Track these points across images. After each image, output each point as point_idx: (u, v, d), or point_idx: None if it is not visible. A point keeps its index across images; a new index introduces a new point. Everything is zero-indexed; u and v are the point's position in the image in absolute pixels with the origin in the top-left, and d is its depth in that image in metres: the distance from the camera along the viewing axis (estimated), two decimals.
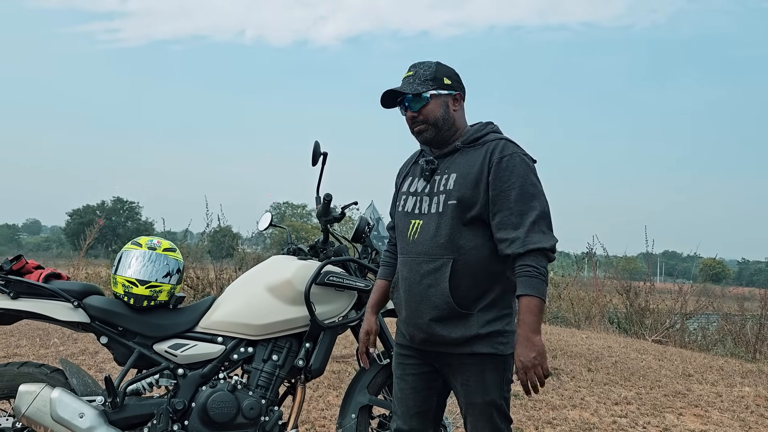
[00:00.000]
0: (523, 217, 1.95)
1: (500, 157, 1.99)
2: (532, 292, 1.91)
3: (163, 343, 2.54)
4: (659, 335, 8.99)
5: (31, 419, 2.33)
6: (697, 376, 5.97)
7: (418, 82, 2.08)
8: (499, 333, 2.03)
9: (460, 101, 2.14)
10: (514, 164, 1.99)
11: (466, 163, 2.05)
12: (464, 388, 2.08)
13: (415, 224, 2.11)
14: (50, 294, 2.47)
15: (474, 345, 2.02)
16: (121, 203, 53.11)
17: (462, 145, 2.09)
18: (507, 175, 1.98)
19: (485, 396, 2.05)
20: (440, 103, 2.09)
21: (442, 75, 2.10)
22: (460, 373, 2.07)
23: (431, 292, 2.03)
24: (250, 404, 2.50)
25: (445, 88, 2.09)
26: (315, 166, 2.75)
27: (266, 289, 2.62)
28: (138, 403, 2.48)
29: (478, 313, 2.01)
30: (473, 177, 2.02)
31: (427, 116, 2.08)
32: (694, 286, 11.33)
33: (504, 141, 2.05)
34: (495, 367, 2.04)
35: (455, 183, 2.04)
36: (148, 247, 2.58)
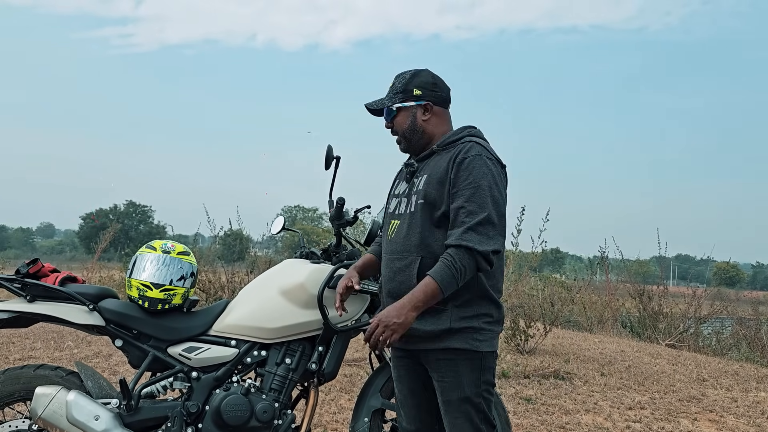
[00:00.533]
0: (471, 217, 1.97)
1: (463, 158, 2.03)
2: (436, 276, 1.93)
3: (177, 346, 2.56)
4: (673, 339, 8.92)
5: (47, 421, 2.35)
6: (712, 380, 5.92)
7: (390, 94, 2.20)
8: (474, 329, 2.03)
9: (430, 110, 2.19)
10: (474, 165, 2.02)
11: (437, 165, 2.11)
12: (441, 385, 2.07)
13: (393, 224, 2.19)
14: (66, 297, 2.49)
15: (447, 339, 2.03)
16: (134, 207, 53.52)
17: (438, 149, 2.15)
18: (466, 174, 2.01)
19: (460, 392, 2.04)
20: (408, 115, 2.18)
21: (413, 86, 2.17)
22: (436, 370, 2.08)
23: (402, 289, 2.05)
24: (264, 407, 2.51)
25: (413, 99, 2.17)
26: (328, 169, 2.75)
27: (279, 293, 2.63)
28: (152, 405, 2.49)
29: (452, 308, 2.03)
30: (439, 177, 2.07)
31: (398, 127, 2.20)
32: (708, 290, 11.25)
33: (472, 143, 2.08)
34: (470, 364, 2.04)
35: (425, 183, 2.10)
36: (163, 251, 2.60)
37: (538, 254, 8.54)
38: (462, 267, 1.93)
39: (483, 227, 1.95)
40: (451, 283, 1.93)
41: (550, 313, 7.66)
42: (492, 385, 2.11)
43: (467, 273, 1.95)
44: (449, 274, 1.93)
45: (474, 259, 1.94)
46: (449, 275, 1.92)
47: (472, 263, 1.94)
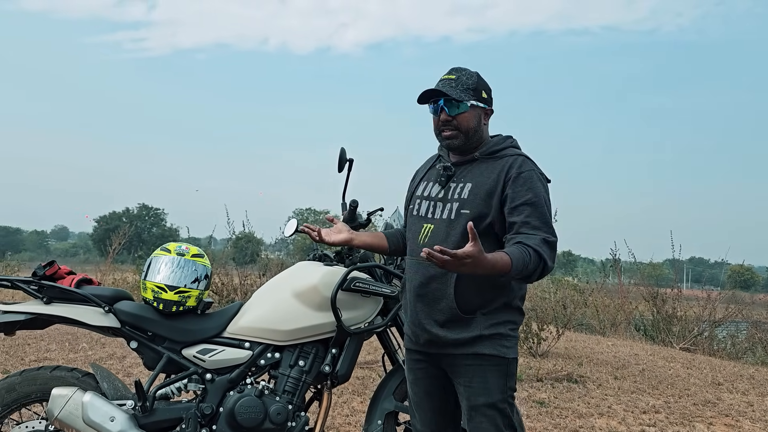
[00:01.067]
0: (539, 231, 1.98)
1: (519, 172, 2.04)
2: (513, 259, 1.86)
3: (192, 348, 2.57)
4: (687, 343, 8.84)
5: (63, 422, 2.37)
6: (727, 384, 5.86)
7: (461, 88, 2.10)
8: (503, 336, 2.06)
9: (489, 117, 2.19)
10: (532, 181, 2.04)
11: (482, 174, 2.09)
12: (467, 390, 2.08)
13: (426, 228, 2.15)
14: (82, 299, 2.51)
15: (477, 345, 2.04)
16: (146, 209, 53.88)
17: (480, 156, 2.13)
18: (524, 190, 2.02)
19: (488, 398, 2.05)
20: (475, 115, 2.12)
21: (482, 88, 2.14)
22: (463, 375, 2.09)
23: (437, 296, 2.07)
24: (277, 409, 2.51)
25: (482, 101, 2.13)
26: (341, 172, 2.76)
27: (293, 295, 2.63)
28: (167, 407, 2.50)
29: (480, 316, 2.05)
30: (487, 189, 2.06)
31: (461, 124, 2.10)
32: (723, 293, 11.14)
33: (522, 157, 2.10)
34: (498, 370, 2.06)
35: (470, 193, 2.08)
36: (177, 253, 2.61)
37: None
38: (530, 269, 1.91)
39: (553, 244, 1.98)
40: (517, 273, 1.89)
41: (563, 316, 7.62)
42: (514, 391, 2.12)
43: (529, 275, 1.93)
44: (522, 264, 1.88)
45: (538, 269, 1.93)
46: (521, 266, 1.88)
47: (535, 271, 1.93)
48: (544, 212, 2.02)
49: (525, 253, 1.91)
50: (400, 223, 2.87)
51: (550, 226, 2.01)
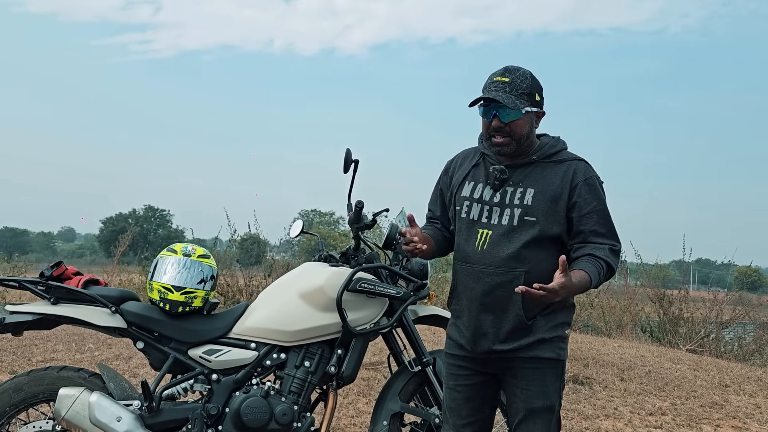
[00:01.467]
0: (606, 239, 2.06)
1: (584, 179, 2.06)
2: (593, 277, 1.96)
3: (198, 348, 2.58)
4: (694, 344, 8.80)
5: (70, 422, 2.38)
6: (735, 386, 5.83)
7: (515, 93, 2.02)
8: (560, 338, 2.09)
9: (540, 119, 2.13)
10: (597, 188, 2.08)
11: (545, 180, 2.06)
12: (525, 393, 2.07)
13: (483, 234, 2.08)
14: (89, 300, 2.53)
15: (537, 349, 2.05)
16: (152, 211, 54.05)
17: (539, 159, 2.08)
18: (592, 197, 2.05)
19: (546, 401, 2.07)
20: (529, 120, 2.06)
21: (536, 90, 2.07)
22: (521, 378, 2.08)
23: (503, 304, 2.04)
24: (283, 410, 2.52)
25: (535, 105, 2.07)
26: (347, 173, 2.77)
27: (298, 296, 2.64)
28: (173, 407, 2.51)
29: (540, 318, 2.05)
30: (552, 195, 2.04)
31: (515, 131, 2.03)
32: (730, 294, 11.08)
33: (585, 163, 2.10)
34: (555, 372, 2.09)
35: (534, 199, 2.04)
36: (183, 254, 2.62)
37: None
38: (602, 280, 2.02)
39: (617, 253, 2.06)
40: (595, 287, 2.00)
41: None
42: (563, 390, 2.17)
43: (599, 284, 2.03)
44: (597, 280, 1.98)
45: (606, 278, 2.04)
46: (597, 281, 1.98)
47: (604, 280, 2.04)
48: (609, 219, 2.07)
49: (599, 266, 2.00)
50: (405, 223, 2.88)
51: (615, 233, 2.08)
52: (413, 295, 2.70)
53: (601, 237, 2.04)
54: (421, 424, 2.84)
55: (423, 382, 2.82)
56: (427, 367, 2.78)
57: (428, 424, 2.80)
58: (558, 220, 2.04)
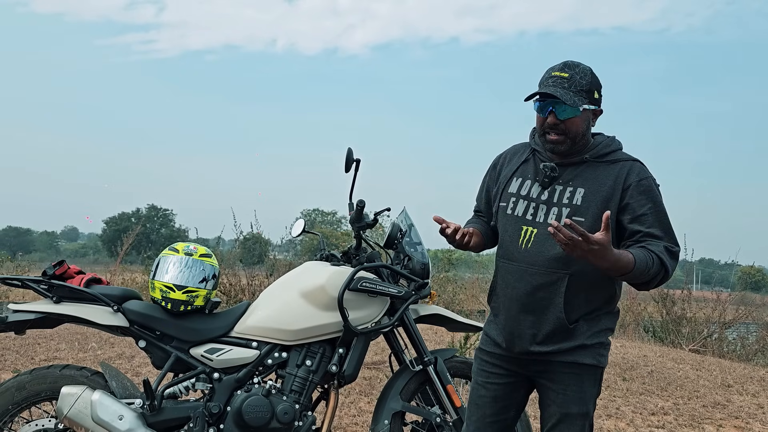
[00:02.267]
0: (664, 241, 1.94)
1: (638, 181, 1.97)
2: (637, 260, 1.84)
3: (200, 347, 2.59)
4: (696, 344, 8.78)
5: (72, 420, 2.39)
6: (737, 386, 5.82)
7: (574, 90, 1.96)
8: (602, 345, 2.02)
9: (597, 117, 2.06)
10: (653, 190, 1.98)
11: (596, 180, 1.99)
12: (561, 397, 2.02)
13: (528, 232, 2.03)
14: (91, 298, 2.53)
15: (577, 354, 1.99)
16: (155, 210, 54.12)
17: (591, 159, 2.02)
18: (646, 199, 1.96)
19: (582, 407, 2.01)
20: (585, 118, 2.00)
21: (595, 87, 2.01)
22: (558, 382, 2.03)
23: (544, 306, 1.99)
24: (284, 409, 2.52)
25: (594, 102, 2.01)
26: (348, 172, 2.77)
27: (300, 295, 2.64)
28: (175, 406, 2.52)
29: (583, 323, 1.99)
30: (603, 195, 1.96)
31: (570, 128, 1.97)
32: (733, 294, 11.05)
33: (639, 164, 2.01)
34: (593, 379, 2.03)
35: (584, 199, 1.97)
36: (185, 253, 2.63)
37: None
38: (651, 274, 1.88)
39: (676, 254, 1.95)
40: (638, 275, 1.86)
41: None
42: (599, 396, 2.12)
43: (647, 277, 1.89)
44: (643, 267, 1.85)
45: (660, 276, 1.91)
46: (643, 268, 1.85)
47: (656, 277, 1.91)
48: (667, 222, 1.97)
49: (649, 257, 1.87)
50: (407, 223, 2.88)
51: (673, 236, 1.97)
52: (414, 294, 2.71)
53: (657, 239, 1.94)
54: (422, 424, 2.85)
55: (424, 381, 2.82)
56: (428, 366, 2.78)
57: (429, 424, 2.80)
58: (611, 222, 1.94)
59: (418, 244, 2.84)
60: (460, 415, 2.74)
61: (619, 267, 1.82)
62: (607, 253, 1.76)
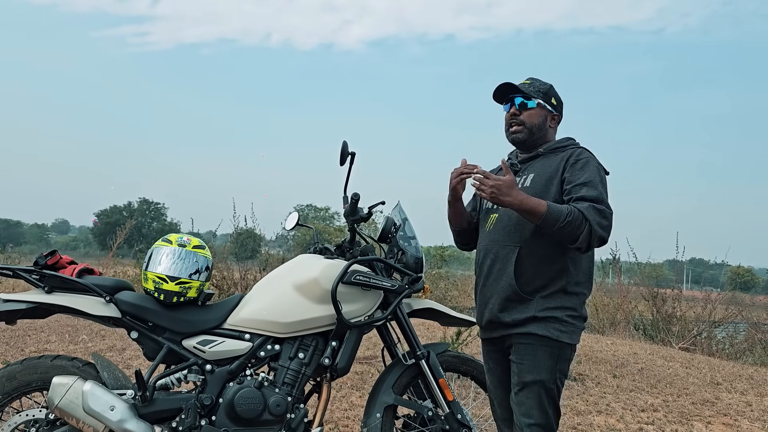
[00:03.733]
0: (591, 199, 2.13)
1: (577, 159, 2.26)
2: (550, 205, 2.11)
3: (192, 339, 2.58)
4: (686, 343, 8.84)
5: (63, 411, 2.37)
6: (726, 384, 5.86)
7: (532, 90, 2.39)
8: (557, 320, 2.22)
9: (556, 121, 2.46)
10: (588, 165, 2.24)
11: (544, 166, 2.33)
12: (518, 367, 2.26)
13: (492, 218, 2.42)
14: (83, 289, 2.52)
15: (529, 325, 2.23)
16: (147, 204, 53.88)
17: (544, 152, 2.38)
18: (580, 172, 2.21)
19: (536, 375, 2.21)
20: (541, 114, 2.40)
21: (552, 95, 2.42)
22: (517, 353, 2.28)
23: (499, 275, 2.31)
24: (277, 401, 2.52)
25: (550, 105, 2.41)
26: (343, 165, 2.76)
27: (293, 288, 2.64)
28: (167, 397, 2.51)
29: (538, 299, 2.24)
30: (548, 175, 2.28)
31: (527, 119, 2.38)
32: (722, 294, 11.13)
33: (582, 149, 2.33)
34: (549, 351, 2.22)
35: (532, 181, 2.30)
36: (179, 244, 2.62)
37: None
38: (570, 222, 2.07)
39: (604, 212, 2.12)
40: (553, 221, 2.08)
41: None
42: (565, 375, 2.29)
43: (567, 231, 2.09)
44: (557, 215, 2.08)
45: (582, 230, 2.09)
46: (556, 215, 2.08)
47: (577, 231, 2.09)
48: (599, 189, 2.16)
49: (566, 207, 2.10)
50: (401, 217, 2.88)
51: (603, 201, 2.14)
52: (408, 288, 2.71)
53: (585, 201, 2.13)
54: (414, 417, 2.85)
55: (417, 375, 2.82)
56: (420, 360, 2.78)
57: (421, 417, 2.80)
58: (551, 198, 2.20)
59: (412, 239, 2.84)
60: (452, 409, 2.75)
61: (529, 207, 2.10)
62: (512, 192, 2.10)
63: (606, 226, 2.12)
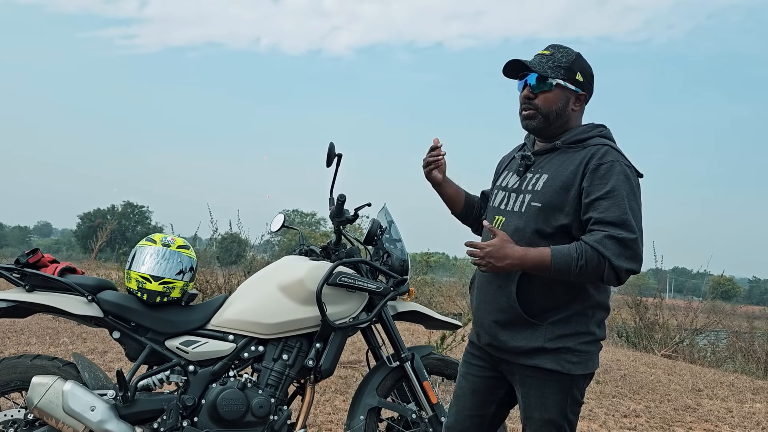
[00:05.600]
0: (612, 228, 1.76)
1: (598, 164, 1.82)
2: (555, 253, 1.75)
3: (175, 339, 2.56)
4: (668, 350, 8.92)
5: (43, 411, 2.34)
6: (708, 391, 5.92)
7: (551, 65, 1.90)
8: (569, 350, 1.86)
9: (582, 103, 1.98)
10: (612, 172, 1.80)
11: (561, 165, 1.89)
12: (524, 401, 1.95)
13: (498, 220, 1.99)
14: (65, 288, 2.49)
15: (537, 358, 1.87)
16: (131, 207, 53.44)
17: (562, 145, 1.93)
18: (602, 183, 1.80)
19: (543, 414, 1.90)
20: (562, 96, 1.92)
21: (578, 69, 1.92)
22: (521, 385, 1.95)
23: (498, 294, 1.92)
24: (260, 402, 2.51)
25: (574, 83, 1.92)
26: (330, 167, 2.76)
27: (278, 289, 2.63)
28: (148, 398, 2.49)
29: (548, 325, 1.86)
30: (563, 180, 1.86)
31: (542, 104, 1.92)
32: (704, 302, 11.25)
33: (607, 147, 1.86)
34: (559, 386, 1.88)
35: (543, 185, 1.89)
36: (163, 244, 2.60)
37: None
38: (584, 265, 1.73)
39: (624, 241, 1.74)
40: (562, 271, 1.74)
41: None
42: (579, 404, 1.95)
43: (585, 275, 1.75)
44: (568, 261, 1.73)
45: (602, 269, 1.74)
46: (567, 262, 1.73)
47: (597, 271, 1.75)
48: (623, 206, 1.76)
49: (576, 248, 1.74)
50: (387, 219, 2.89)
51: (626, 223, 1.75)
52: (393, 291, 2.71)
53: (605, 225, 1.75)
54: (398, 420, 2.85)
55: (401, 377, 2.82)
56: (405, 362, 2.78)
57: (405, 420, 2.80)
58: (565, 209, 1.84)
59: (398, 241, 2.85)
60: (436, 412, 2.75)
61: (531, 263, 1.76)
62: (507, 252, 1.75)
63: (632, 257, 1.74)
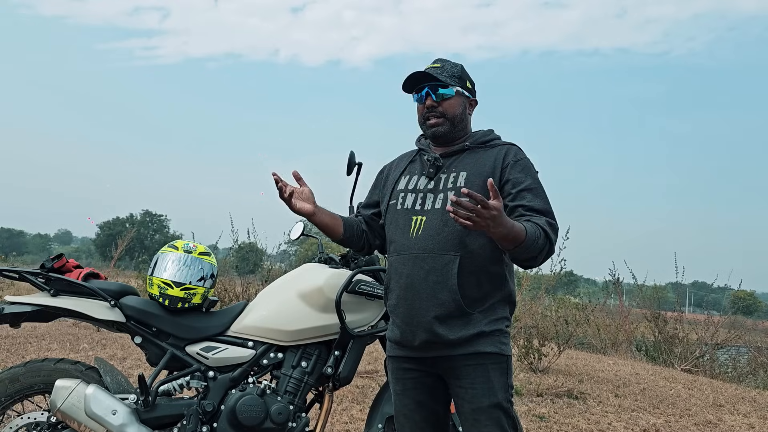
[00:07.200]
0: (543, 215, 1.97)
1: (515, 160, 2.07)
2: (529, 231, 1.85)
3: (195, 345, 2.58)
4: (689, 364, 8.78)
5: (65, 414, 2.37)
6: (729, 406, 5.82)
7: (446, 75, 2.11)
8: (501, 332, 2.02)
9: (473, 107, 2.21)
10: (529, 168, 2.07)
11: (477, 163, 2.09)
12: (470, 393, 1.98)
13: (417, 221, 2.06)
14: (88, 292, 2.53)
15: (477, 344, 1.97)
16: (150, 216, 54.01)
17: (471, 145, 2.13)
18: (524, 175, 2.04)
19: (492, 398, 1.96)
20: (461, 102, 2.14)
21: (466, 77, 2.17)
22: (464, 377, 1.99)
23: (437, 289, 1.98)
24: (279, 409, 2.52)
25: (467, 90, 2.16)
26: (349, 175, 2.78)
27: (298, 296, 2.65)
28: (169, 403, 2.51)
29: (478, 313, 1.99)
30: (485, 175, 2.02)
31: (447, 110, 2.11)
32: (725, 317, 11.08)
33: (516, 147, 2.13)
34: (499, 368, 2.00)
35: (466, 181, 2.04)
36: (184, 251, 2.63)
37: (555, 274, 8.49)
38: (539, 246, 1.89)
39: (555, 227, 1.97)
40: (527, 246, 1.85)
41: (564, 333, 7.59)
42: (513, 389, 2.07)
43: (533, 250, 1.88)
44: (533, 239, 1.86)
45: (546, 248, 1.91)
46: (533, 240, 1.86)
47: (543, 253, 1.91)
48: (545, 197, 2.03)
49: (537, 229, 1.90)
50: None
51: (551, 212, 2.01)
52: None
53: (537, 212, 1.98)
54: None
55: None
56: None
57: None
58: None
59: None
60: (454, 422, 2.74)
61: (514, 235, 1.81)
62: (503, 220, 1.78)
63: (555, 242, 1.96)
